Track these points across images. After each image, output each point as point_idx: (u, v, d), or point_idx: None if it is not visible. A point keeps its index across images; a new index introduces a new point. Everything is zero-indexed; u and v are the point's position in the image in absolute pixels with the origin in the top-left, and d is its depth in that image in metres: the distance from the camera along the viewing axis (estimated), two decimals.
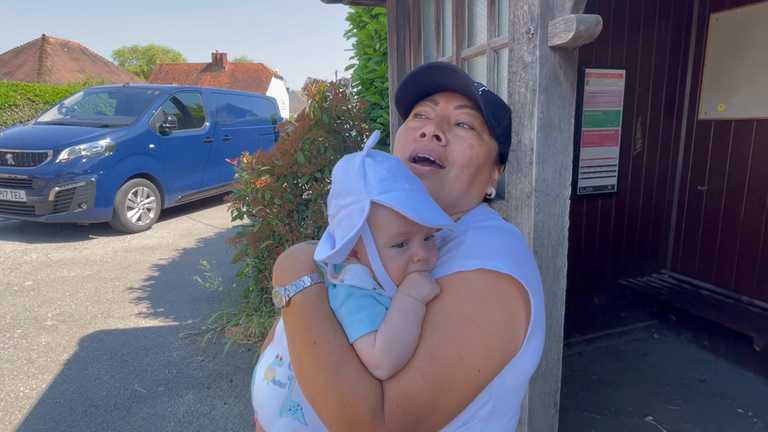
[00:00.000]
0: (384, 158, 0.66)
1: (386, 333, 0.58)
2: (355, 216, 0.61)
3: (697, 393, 2.61)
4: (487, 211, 0.81)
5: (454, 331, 0.59)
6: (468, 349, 0.58)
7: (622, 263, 3.23)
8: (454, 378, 0.57)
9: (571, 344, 3.10)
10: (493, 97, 0.82)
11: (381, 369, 0.57)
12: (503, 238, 0.68)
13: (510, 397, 0.67)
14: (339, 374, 0.56)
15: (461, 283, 0.62)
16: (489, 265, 0.62)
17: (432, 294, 0.62)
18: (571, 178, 2.92)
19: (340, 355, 0.58)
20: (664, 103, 3.09)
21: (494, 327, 0.60)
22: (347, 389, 0.55)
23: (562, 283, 1.55)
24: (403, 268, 0.63)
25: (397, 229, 0.62)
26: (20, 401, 2.54)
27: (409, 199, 0.61)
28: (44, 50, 21.61)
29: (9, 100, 14.41)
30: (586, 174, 2.93)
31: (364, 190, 0.62)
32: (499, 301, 0.61)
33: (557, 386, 1.65)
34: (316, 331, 0.60)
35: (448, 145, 0.75)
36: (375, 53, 3.65)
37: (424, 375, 0.57)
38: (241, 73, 34.74)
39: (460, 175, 0.75)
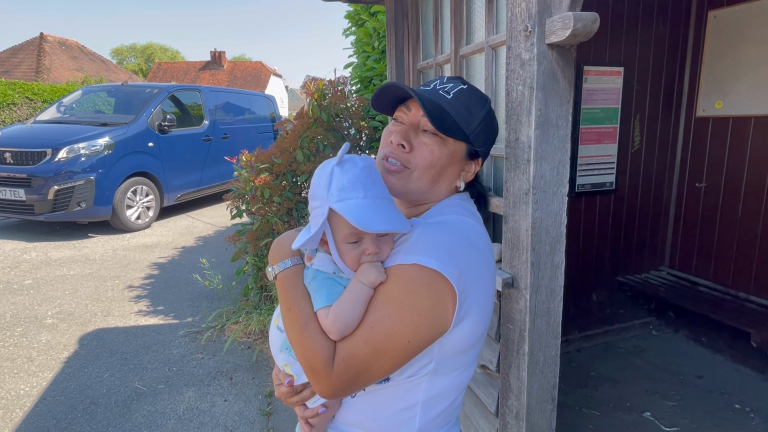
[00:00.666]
0: (351, 166, 0.78)
1: (336, 308, 0.75)
2: (318, 218, 0.77)
3: (695, 389, 2.62)
4: (453, 203, 0.91)
5: (391, 310, 0.75)
6: (399, 324, 0.74)
7: (621, 260, 3.24)
8: (387, 346, 0.74)
9: (569, 341, 3.11)
10: (466, 96, 0.90)
11: (332, 333, 0.75)
12: (447, 233, 0.81)
13: (451, 360, 0.83)
14: (303, 333, 0.76)
15: (400, 273, 0.76)
16: (422, 261, 0.75)
17: (378, 281, 0.76)
18: (569, 176, 2.94)
19: (306, 320, 0.77)
20: (662, 101, 3.10)
21: (422, 310, 0.75)
22: (308, 344, 0.75)
23: (560, 280, 1.56)
24: (356, 259, 0.78)
25: (348, 230, 0.77)
26: (21, 399, 2.54)
27: (358, 207, 0.74)
28: (42, 49, 21.55)
29: (7, 98, 14.38)
30: (584, 171, 2.94)
31: (326, 197, 0.76)
32: (428, 290, 0.75)
33: (555, 382, 1.66)
34: (291, 300, 0.80)
35: (413, 150, 0.87)
36: (374, 51, 3.65)
37: (364, 341, 0.74)
38: (239, 71, 34.67)
39: (423, 176, 0.88)
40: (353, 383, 0.75)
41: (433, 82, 0.93)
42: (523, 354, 1.58)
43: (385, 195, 0.80)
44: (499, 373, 1.75)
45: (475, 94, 0.91)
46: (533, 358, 1.58)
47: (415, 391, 0.83)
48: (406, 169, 0.87)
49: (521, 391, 1.63)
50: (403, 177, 0.87)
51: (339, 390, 0.75)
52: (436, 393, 0.84)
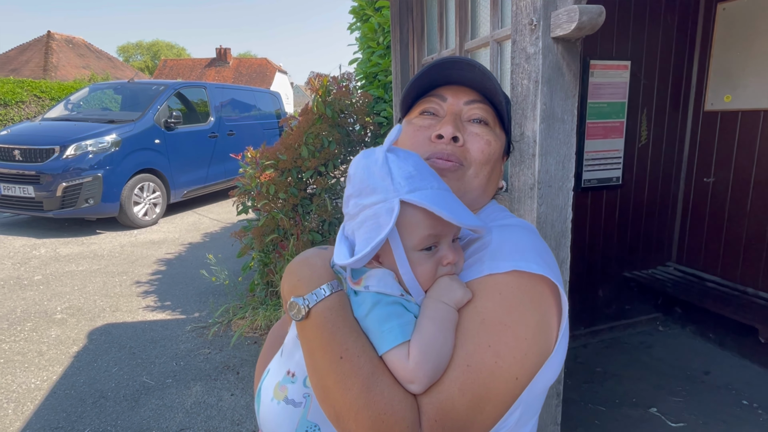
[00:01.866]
0: (407, 154, 0.62)
1: (420, 343, 0.54)
2: (383, 216, 0.57)
3: (702, 385, 2.61)
4: (499, 208, 0.79)
5: (490, 338, 0.56)
6: (505, 356, 0.55)
7: (627, 256, 3.22)
8: (492, 388, 0.54)
9: (575, 336, 3.10)
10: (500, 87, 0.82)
11: (416, 383, 0.53)
12: (528, 236, 0.66)
13: (537, 402, 0.65)
14: (371, 391, 0.52)
15: (494, 286, 0.59)
16: (521, 266, 0.59)
17: (465, 299, 0.58)
18: (575, 171, 2.92)
19: (371, 370, 0.54)
20: (670, 95, 3.07)
21: (530, 332, 0.57)
22: (382, 407, 0.52)
23: (565, 275, 1.56)
24: (432, 272, 0.60)
25: (428, 230, 0.58)
26: (32, 392, 2.58)
27: (440, 197, 0.57)
28: (50, 47, 21.70)
29: (16, 96, 14.52)
30: (590, 166, 2.92)
31: (392, 188, 0.57)
32: (533, 303, 0.59)
33: (560, 377, 1.66)
34: (342, 344, 0.55)
35: (465, 144, 0.72)
36: (378, 46, 3.64)
37: (461, 387, 0.53)
38: (245, 67, 34.73)
39: (479, 173, 0.73)
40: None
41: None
42: None
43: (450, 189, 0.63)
44: None
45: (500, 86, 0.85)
46: None
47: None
48: (461, 167, 0.71)
49: None
50: (459, 176, 0.71)
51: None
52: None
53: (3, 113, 14.39)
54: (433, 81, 0.77)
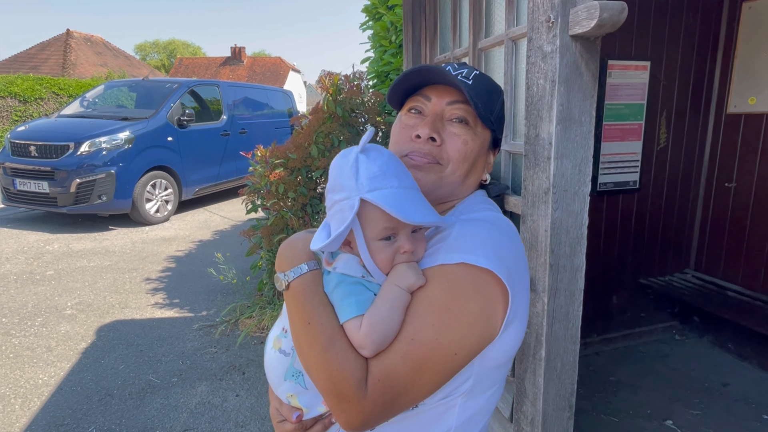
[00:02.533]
0: (377, 154, 0.69)
1: (371, 317, 0.64)
2: (346, 211, 0.66)
3: (720, 397, 2.52)
4: (482, 200, 0.84)
5: (434, 318, 0.64)
6: (445, 334, 0.64)
7: (643, 262, 3.13)
8: (431, 360, 0.64)
9: (588, 344, 3.02)
10: (485, 81, 0.83)
11: (366, 348, 0.63)
12: (489, 230, 0.72)
13: (489, 376, 0.74)
14: (329, 351, 0.64)
15: (443, 275, 0.67)
16: (469, 259, 0.66)
17: (416, 284, 0.66)
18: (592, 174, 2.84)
19: (331, 335, 0.65)
20: (691, 96, 2.97)
21: (471, 317, 0.65)
22: (336, 364, 0.63)
23: (579, 283, 1.50)
24: (390, 259, 0.68)
25: (384, 224, 0.67)
26: (39, 388, 2.59)
27: (394, 197, 0.65)
28: (68, 45, 22.07)
29: (35, 93, 14.80)
30: (607, 169, 2.84)
31: (355, 187, 0.67)
32: (476, 293, 0.66)
33: (573, 389, 1.60)
34: (310, 312, 0.67)
35: (443, 143, 0.79)
36: (391, 45, 3.60)
37: (404, 356, 0.63)
38: (259, 66, 34.95)
39: (456, 170, 0.80)
40: (390, 407, 0.64)
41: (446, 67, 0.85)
42: (540, 359, 1.53)
43: (417, 186, 0.72)
44: (515, 378, 1.69)
45: (491, 80, 0.86)
46: (550, 364, 1.52)
47: (447, 416, 0.72)
48: (437, 164, 0.79)
49: (537, 398, 1.57)
50: (435, 172, 0.78)
51: (372, 418, 0.63)
52: (470, 416, 0.73)
53: (22, 110, 14.67)
54: (420, 82, 0.82)
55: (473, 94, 0.78)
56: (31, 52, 22.39)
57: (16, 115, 14.53)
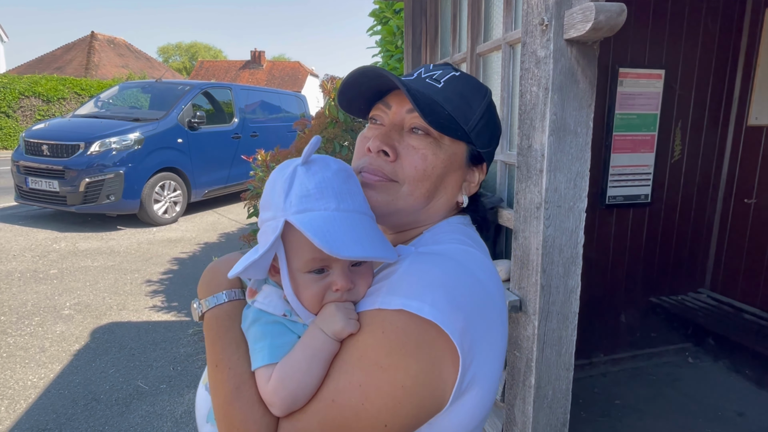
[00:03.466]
0: (320, 168, 0.58)
1: (283, 369, 0.53)
2: (269, 234, 0.56)
3: (735, 428, 2.35)
4: (454, 229, 0.70)
5: (363, 377, 0.52)
6: (374, 400, 0.51)
7: (655, 279, 2.97)
8: (354, 429, 0.52)
9: (593, 364, 2.88)
10: (462, 84, 0.70)
11: (274, 407, 0.53)
12: (446, 269, 0.58)
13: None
14: (232, 404, 0.54)
15: (379, 322, 0.54)
16: (412, 306, 0.53)
17: (346, 331, 0.54)
18: (599, 186, 2.70)
19: (238, 384, 0.55)
20: (709, 107, 2.82)
21: (408, 380, 0.52)
22: (237, 422, 0.53)
23: (574, 306, 1.39)
24: (318, 297, 0.57)
25: (311, 254, 0.55)
26: (27, 390, 2.57)
27: (325, 221, 0.53)
28: (92, 46, 22.64)
29: (58, 93, 15.18)
30: (616, 182, 2.71)
31: (282, 206, 0.56)
32: (418, 349, 0.53)
33: (565, 419, 1.48)
34: (219, 353, 0.58)
35: (399, 158, 0.67)
36: (397, 50, 3.53)
37: (321, 421, 0.52)
38: (278, 70, 35.36)
39: (415, 191, 0.67)
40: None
41: (417, 71, 0.75)
42: (530, 386, 1.42)
43: (365, 210, 0.60)
44: (504, 404, 1.58)
45: (472, 82, 0.73)
46: (540, 392, 1.41)
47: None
48: (391, 182, 0.67)
49: (526, 426, 1.46)
50: (389, 192, 0.66)
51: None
52: None
53: (45, 109, 15.06)
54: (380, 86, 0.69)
55: (439, 99, 0.66)
56: (57, 53, 23.02)
57: (39, 114, 14.92)
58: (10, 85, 14.22)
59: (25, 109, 14.76)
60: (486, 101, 0.72)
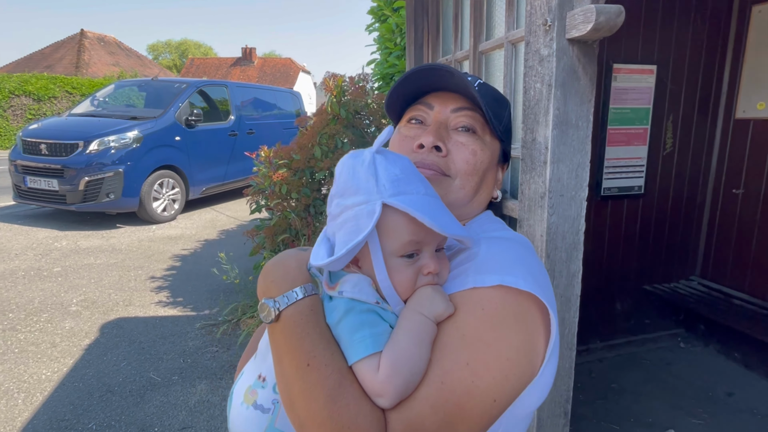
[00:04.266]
0: (396, 157, 0.59)
1: (392, 356, 0.51)
2: (363, 219, 0.54)
3: (725, 407, 2.48)
4: (493, 219, 0.76)
5: (469, 355, 0.52)
6: (484, 376, 0.52)
7: (648, 268, 3.09)
8: (467, 409, 0.51)
9: (590, 350, 2.99)
10: (491, 90, 0.78)
11: (385, 397, 0.51)
12: (518, 251, 0.63)
13: (519, 426, 0.61)
14: (337, 403, 0.50)
15: (477, 301, 0.55)
16: (508, 281, 0.56)
17: (446, 313, 0.55)
18: (594, 179, 2.81)
19: (338, 380, 0.51)
20: (699, 101, 2.93)
21: (512, 352, 0.54)
22: (346, 420, 0.49)
23: (576, 289, 1.48)
24: (412, 281, 0.56)
25: (410, 236, 0.55)
26: (42, 384, 2.62)
27: (425, 204, 0.54)
28: (82, 44, 22.40)
29: (48, 92, 15.05)
30: (611, 174, 2.81)
31: (375, 190, 0.55)
32: (518, 322, 0.55)
33: (568, 396, 1.58)
34: (310, 351, 0.53)
35: (449, 154, 0.71)
36: (396, 47, 3.60)
37: (433, 405, 0.51)
38: (269, 67, 35.18)
39: (466, 185, 0.71)
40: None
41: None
42: None
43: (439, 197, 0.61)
44: None
45: (495, 88, 0.82)
46: None
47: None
48: (444, 176, 0.70)
49: None
50: (442, 186, 0.69)
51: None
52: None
53: (36, 108, 14.93)
54: (420, 88, 0.74)
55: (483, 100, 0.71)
56: (46, 51, 22.75)
57: (30, 113, 14.79)
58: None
59: (16, 108, 14.63)
60: (509, 110, 0.81)
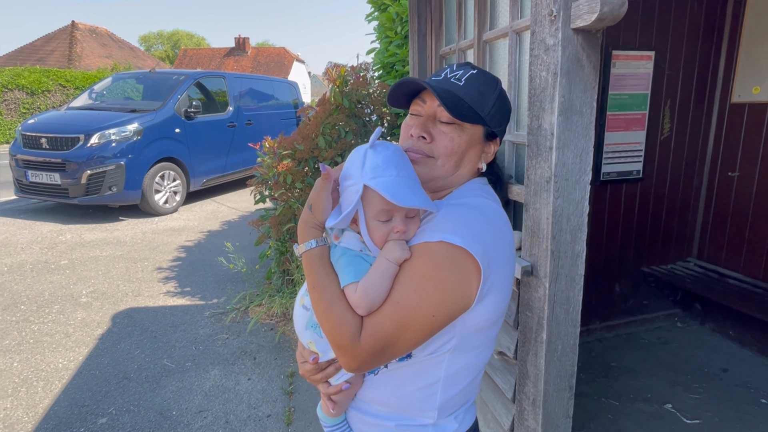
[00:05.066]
0: (383, 149, 0.83)
1: (365, 284, 0.78)
2: (353, 195, 0.80)
3: (720, 382, 2.58)
4: (477, 187, 0.95)
5: (416, 285, 0.78)
6: (425, 299, 0.77)
7: (646, 250, 3.17)
8: (413, 319, 0.77)
9: (590, 330, 3.08)
10: (479, 80, 0.94)
11: (360, 308, 0.78)
12: (470, 214, 0.85)
13: (472, 338, 0.86)
14: (330, 309, 0.79)
15: (426, 251, 0.79)
16: (448, 238, 0.78)
17: (402, 257, 0.79)
18: (595, 163, 2.87)
19: (332, 297, 0.79)
20: (695, 86, 2.99)
21: (447, 285, 0.78)
22: (335, 321, 0.78)
23: (580, 269, 1.55)
24: (384, 237, 0.82)
25: (381, 206, 0.80)
26: (59, 372, 2.70)
27: (391, 184, 0.78)
28: (74, 36, 22.12)
29: (42, 85, 14.90)
30: (610, 159, 2.87)
31: (360, 175, 0.80)
32: (453, 266, 0.78)
33: (573, 370, 1.66)
34: (317, 278, 0.82)
35: (434, 141, 0.92)
36: (396, 36, 3.62)
37: (391, 315, 0.77)
38: (263, 57, 34.86)
39: (446, 163, 0.92)
40: (379, 356, 0.78)
41: (443, 72, 0.97)
42: (541, 342, 1.59)
43: (415, 176, 0.84)
44: (517, 360, 1.76)
45: (486, 77, 0.96)
46: (551, 346, 1.59)
47: (436, 369, 0.86)
48: (429, 158, 0.92)
49: (538, 379, 1.64)
50: (427, 165, 0.92)
51: (365, 363, 0.79)
52: (457, 370, 0.87)
53: (30, 102, 14.80)
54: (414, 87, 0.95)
55: (461, 94, 0.90)
56: (37, 44, 22.46)
57: (23, 107, 14.67)
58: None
59: (9, 103, 14.50)
60: (497, 91, 0.95)
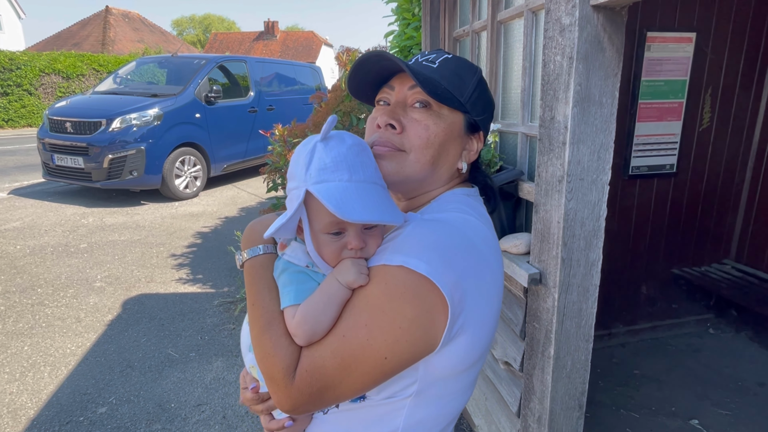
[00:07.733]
0: (336, 143, 0.67)
1: (305, 309, 0.65)
2: (294, 201, 0.66)
3: (755, 398, 2.36)
4: (457, 199, 0.79)
5: (368, 318, 0.63)
6: (376, 337, 0.63)
7: (677, 251, 2.93)
8: (360, 359, 0.63)
9: (612, 335, 2.89)
10: (456, 64, 0.80)
11: (297, 338, 0.65)
12: (443, 234, 0.68)
13: (439, 385, 0.71)
14: (264, 334, 0.66)
15: (383, 275, 0.65)
16: (410, 263, 0.63)
17: (357, 282, 0.65)
18: (622, 156, 2.64)
19: (269, 319, 0.67)
20: (741, 72, 2.69)
21: (405, 322, 0.63)
22: (268, 348, 0.65)
23: (595, 279, 1.39)
24: (336, 254, 0.67)
25: (329, 218, 0.65)
26: (66, 358, 2.72)
27: (338, 191, 0.62)
28: (107, 21, 22.61)
29: (77, 70, 15.31)
30: (640, 152, 2.64)
31: (304, 177, 0.65)
32: (414, 299, 0.63)
33: (584, 388, 1.51)
34: (255, 294, 0.70)
35: (405, 130, 0.76)
36: (414, 18, 3.43)
37: (333, 351, 0.63)
38: (291, 41, 34.85)
39: (420, 158, 0.76)
40: (317, 400, 0.64)
41: (414, 58, 0.84)
42: (549, 357, 1.44)
43: (376, 180, 0.68)
44: (523, 374, 1.62)
45: (463, 62, 0.82)
46: (559, 362, 1.44)
47: (394, 416, 0.71)
48: (399, 151, 0.76)
49: (545, 396, 1.50)
50: (397, 161, 0.75)
51: (300, 405, 0.64)
52: (419, 420, 0.72)
53: (65, 86, 15.24)
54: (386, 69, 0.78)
55: (435, 77, 0.76)
56: (73, 29, 23.09)
57: (59, 91, 15.12)
58: (30, 63, 14.38)
59: (46, 87, 14.97)
60: (477, 77, 0.81)
